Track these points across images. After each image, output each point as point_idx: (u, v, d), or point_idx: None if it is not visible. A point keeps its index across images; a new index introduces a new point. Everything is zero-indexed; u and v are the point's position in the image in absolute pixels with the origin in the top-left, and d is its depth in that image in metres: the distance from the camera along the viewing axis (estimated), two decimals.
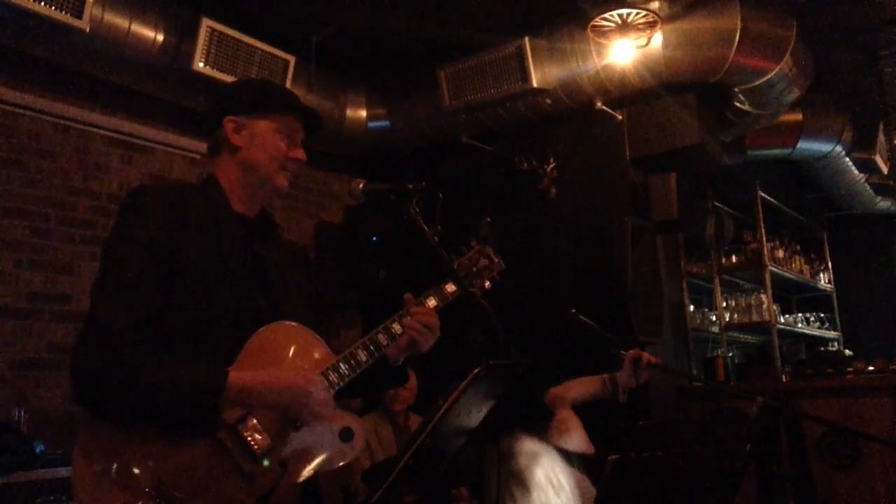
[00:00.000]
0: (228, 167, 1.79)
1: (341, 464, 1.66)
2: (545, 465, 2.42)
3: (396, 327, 1.79)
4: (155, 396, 1.49)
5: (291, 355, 1.70)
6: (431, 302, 1.86)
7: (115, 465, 1.48)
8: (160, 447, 1.50)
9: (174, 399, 1.50)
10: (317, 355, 1.74)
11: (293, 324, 1.73)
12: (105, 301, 1.53)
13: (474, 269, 2.00)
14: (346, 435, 1.66)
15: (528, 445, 2.47)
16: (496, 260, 2.04)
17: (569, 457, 2.59)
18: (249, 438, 1.56)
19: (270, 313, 1.70)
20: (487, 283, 2.01)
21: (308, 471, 1.63)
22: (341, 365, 1.71)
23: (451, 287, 1.89)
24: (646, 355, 2.82)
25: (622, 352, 2.86)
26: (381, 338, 1.77)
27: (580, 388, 2.92)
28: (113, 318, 1.50)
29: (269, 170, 1.77)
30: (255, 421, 1.58)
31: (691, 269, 5.60)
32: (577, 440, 2.77)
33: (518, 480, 2.29)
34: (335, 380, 1.69)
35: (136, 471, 1.48)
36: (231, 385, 1.53)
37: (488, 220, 2.10)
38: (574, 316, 2.94)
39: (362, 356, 1.74)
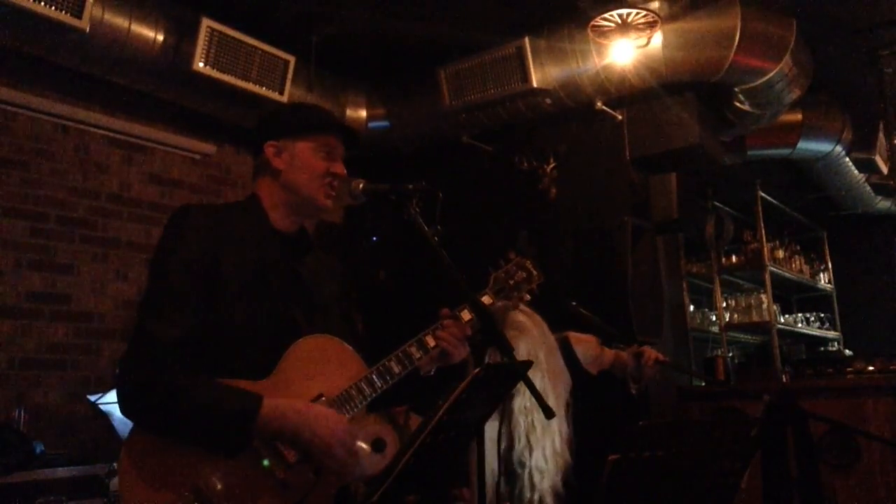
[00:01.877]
0: (272, 188, 1.86)
1: (373, 473, 1.70)
2: (528, 342, 2.46)
3: (429, 340, 1.84)
4: (191, 418, 1.57)
5: (325, 367, 1.74)
6: (466, 315, 1.89)
7: (157, 467, 1.56)
8: (200, 452, 1.57)
9: (208, 423, 1.57)
10: (350, 367, 1.78)
11: (328, 337, 1.78)
12: (151, 318, 1.62)
13: (511, 283, 2.02)
14: (378, 445, 1.70)
15: (519, 317, 2.45)
16: (535, 273, 2.06)
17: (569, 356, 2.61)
18: (283, 447, 1.62)
19: (307, 326, 1.77)
20: (527, 297, 2.02)
21: (340, 480, 1.67)
22: (374, 377, 1.76)
23: (487, 299, 1.93)
24: (648, 351, 2.80)
25: (622, 345, 2.85)
26: (414, 350, 1.81)
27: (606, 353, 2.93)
28: (158, 334, 1.59)
29: (311, 188, 1.84)
30: None
31: (691, 269, 5.60)
32: (586, 350, 2.79)
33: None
34: (368, 391, 1.74)
35: (177, 473, 1.55)
36: (263, 414, 1.58)
37: (525, 232, 2.11)
38: (575, 308, 2.93)
39: (395, 368, 1.78)
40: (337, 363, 1.77)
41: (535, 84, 4.19)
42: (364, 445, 1.73)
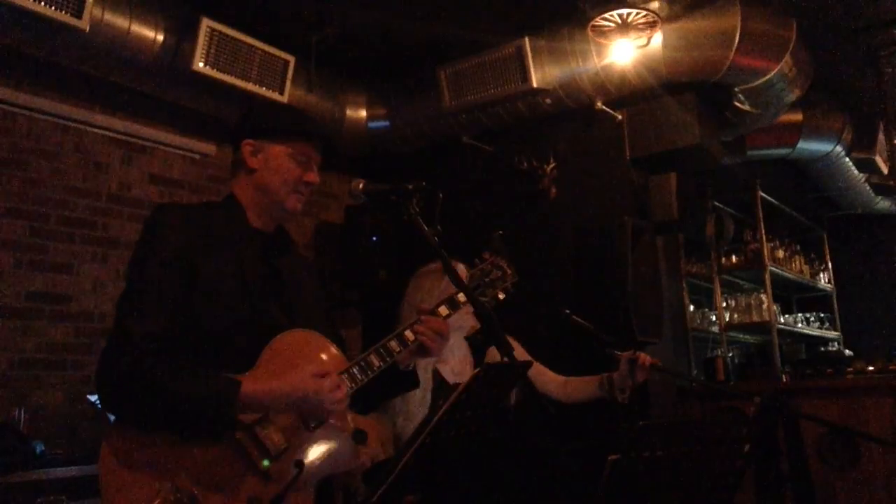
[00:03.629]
0: (245, 187, 1.87)
1: (354, 464, 1.71)
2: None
3: (409, 334, 1.85)
4: (172, 405, 1.57)
5: (305, 361, 1.75)
6: (443, 310, 1.92)
7: (139, 461, 1.56)
8: (182, 445, 1.58)
9: (190, 408, 1.58)
10: (330, 361, 1.79)
11: (307, 331, 1.80)
12: (129, 314, 1.63)
13: (487, 280, 2.08)
14: (359, 437, 1.72)
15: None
16: (509, 271, 2.12)
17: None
18: (265, 439, 1.63)
19: (286, 323, 1.78)
20: (501, 294, 2.06)
21: (322, 471, 1.69)
22: (354, 370, 1.77)
23: (462, 297, 1.94)
24: (643, 356, 2.80)
25: (617, 352, 2.84)
26: (394, 344, 1.83)
27: (579, 384, 2.93)
28: (136, 329, 1.60)
29: (281, 193, 1.85)
30: (271, 422, 1.65)
31: (691, 269, 5.60)
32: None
33: None
34: (349, 384, 1.75)
35: (159, 467, 1.56)
36: (244, 395, 1.59)
37: (500, 232, 2.14)
38: (568, 317, 2.91)
39: (375, 361, 1.80)
40: (318, 357, 1.78)
41: (535, 84, 4.19)
42: (346, 436, 1.73)
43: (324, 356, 1.80)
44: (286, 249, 1.93)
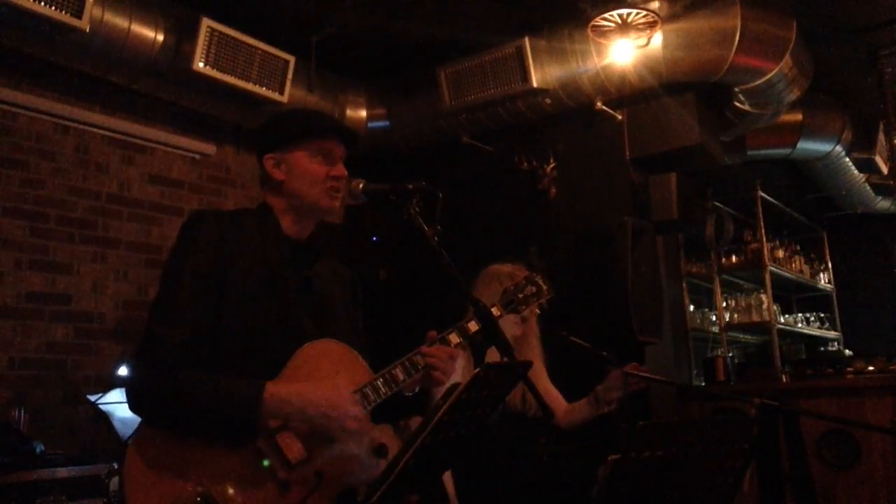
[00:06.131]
0: (277, 198, 1.88)
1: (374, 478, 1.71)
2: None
3: (419, 359, 1.84)
4: (198, 411, 1.60)
5: (331, 372, 1.75)
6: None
7: (163, 462, 1.58)
8: (205, 449, 1.60)
9: (215, 413, 1.59)
10: (356, 373, 1.79)
11: (335, 342, 1.80)
12: (159, 320, 1.66)
13: (520, 296, 2.07)
14: (380, 451, 1.71)
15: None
16: (545, 288, 2.11)
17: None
18: (285, 447, 1.63)
19: (316, 333, 1.78)
20: (536, 311, 2.03)
21: (341, 483, 1.69)
22: (379, 382, 1.77)
23: (495, 311, 1.94)
24: (636, 370, 2.74)
25: (613, 368, 2.80)
26: (419, 359, 1.82)
27: (577, 408, 2.89)
28: (165, 335, 1.63)
29: (312, 195, 1.85)
30: (292, 431, 1.65)
31: (691, 269, 5.60)
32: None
33: None
34: (372, 397, 1.75)
35: (182, 470, 1.58)
36: (267, 397, 1.60)
37: (535, 247, 2.14)
38: (565, 338, 2.87)
39: (400, 375, 1.79)
40: (343, 368, 1.78)
41: (535, 84, 4.19)
42: (367, 449, 1.73)
43: (350, 369, 1.79)
44: (319, 257, 1.93)
